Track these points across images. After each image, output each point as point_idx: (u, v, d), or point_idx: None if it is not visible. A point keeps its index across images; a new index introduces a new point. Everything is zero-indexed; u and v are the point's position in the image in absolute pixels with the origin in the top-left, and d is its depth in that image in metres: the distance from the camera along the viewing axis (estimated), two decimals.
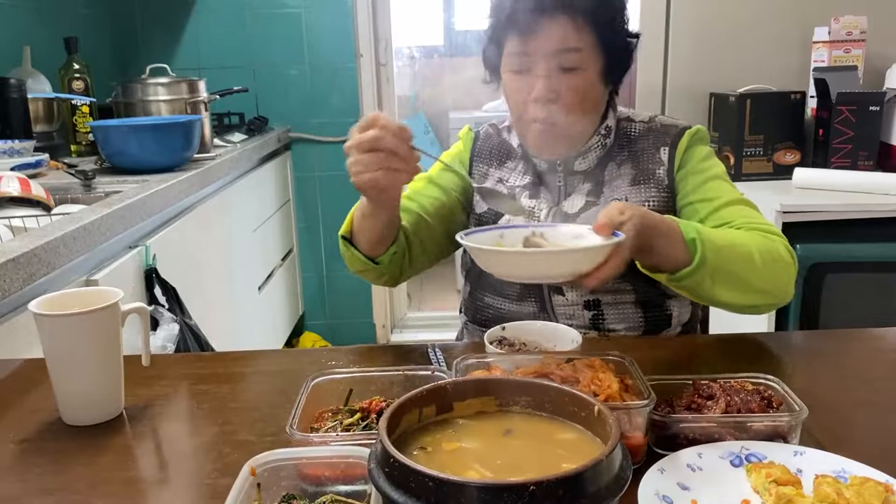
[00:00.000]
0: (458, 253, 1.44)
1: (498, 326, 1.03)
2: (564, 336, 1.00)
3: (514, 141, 1.35)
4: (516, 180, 1.32)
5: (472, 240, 0.95)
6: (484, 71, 1.30)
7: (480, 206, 1.32)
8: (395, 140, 0.98)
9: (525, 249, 0.96)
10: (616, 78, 1.26)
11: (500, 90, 1.28)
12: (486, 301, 1.32)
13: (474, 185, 1.22)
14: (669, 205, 1.25)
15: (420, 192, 1.32)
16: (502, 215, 1.29)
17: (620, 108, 1.33)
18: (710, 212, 1.21)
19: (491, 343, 0.99)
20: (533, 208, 1.28)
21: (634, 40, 1.26)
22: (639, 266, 1.07)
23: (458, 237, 0.96)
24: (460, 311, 1.42)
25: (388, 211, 1.12)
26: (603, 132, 1.26)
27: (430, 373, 0.86)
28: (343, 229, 1.20)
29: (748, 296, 1.10)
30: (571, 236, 0.99)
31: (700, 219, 1.21)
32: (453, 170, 1.33)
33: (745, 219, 1.18)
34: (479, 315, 1.34)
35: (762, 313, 1.20)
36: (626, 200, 1.23)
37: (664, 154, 1.26)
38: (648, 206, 1.23)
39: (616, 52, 1.22)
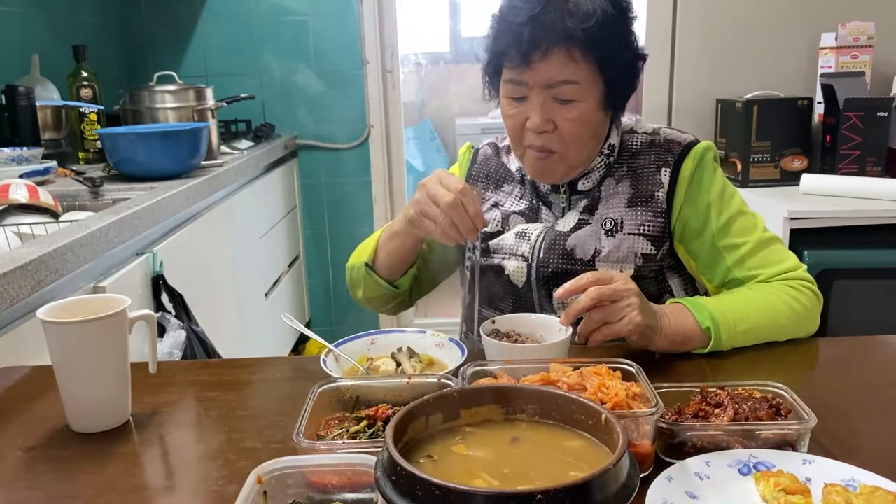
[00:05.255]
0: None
1: (488, 321, 1.07)
2: (552, 327, 1.05)
3: (513, 164, 1.34)
4: (512, 205, 1.32)
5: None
6: (483, 88, 1.28)
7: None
8: (467, 222, 1.07)
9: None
10: (619, 104, 1.22)
11: (498, 107, 1.27)
12: (483, 314, 1.34)
13: None
14: (666, 229, 1.22)
15: None
16: (494, 238, 1.30)
17: (625, 121, 1.30)
18: (737, 262, 1.20)
19: (488, 335, 1.02)
20: (525, 230, 1.27)
21: (641, 62, 1.21)
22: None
23: (323, 363, 0.98)
24: (461, 323, 1.43)
25: (421, 237, 1.20)
26: (606, 151, 1.25)
27: (436, 380, 0.86)
28: (367, 257, 1.26)
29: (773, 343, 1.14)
30: (434, 344, 1.08)
31: (727, 266, 1.20)
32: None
33: (772, 268, 1.19)
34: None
35: None
36: (622, 222, 1.21)
37: (665, 175, 1.22)
38: (644, 229, 1.21)
39: (618, 79, 1.18)
